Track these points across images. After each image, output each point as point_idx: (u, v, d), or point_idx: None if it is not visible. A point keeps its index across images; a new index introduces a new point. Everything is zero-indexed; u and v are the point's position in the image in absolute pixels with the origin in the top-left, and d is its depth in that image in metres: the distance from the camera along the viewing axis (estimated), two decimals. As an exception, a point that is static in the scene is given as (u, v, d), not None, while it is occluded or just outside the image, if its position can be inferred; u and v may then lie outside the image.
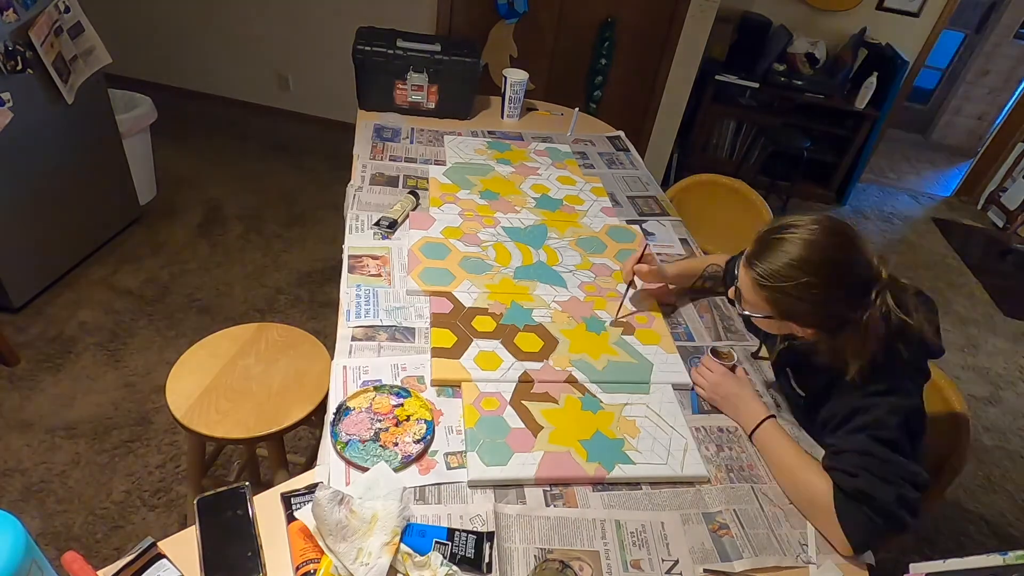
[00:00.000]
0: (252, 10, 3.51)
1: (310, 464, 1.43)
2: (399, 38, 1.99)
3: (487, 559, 0.88)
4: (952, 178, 4.72)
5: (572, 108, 2.20)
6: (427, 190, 1.68)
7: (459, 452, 1.04)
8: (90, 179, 2.46)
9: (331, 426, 1.03)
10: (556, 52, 3.47)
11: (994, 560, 0.80)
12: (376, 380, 1.13)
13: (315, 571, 0.84)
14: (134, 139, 2.69)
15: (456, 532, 0.90)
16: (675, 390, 1.22)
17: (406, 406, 1.08)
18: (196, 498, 0.91)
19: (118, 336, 2.26)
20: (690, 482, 1.06)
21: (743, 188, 2.07)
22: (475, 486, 0.99)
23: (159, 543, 0.85)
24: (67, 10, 2.15)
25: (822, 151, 3.84)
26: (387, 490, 0.92)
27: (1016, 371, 2.89)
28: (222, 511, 0.90)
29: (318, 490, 0.86)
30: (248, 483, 0.94)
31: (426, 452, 1.03)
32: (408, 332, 1.25)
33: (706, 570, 0.93)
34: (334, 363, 1.16)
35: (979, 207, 4.37)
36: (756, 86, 3.57)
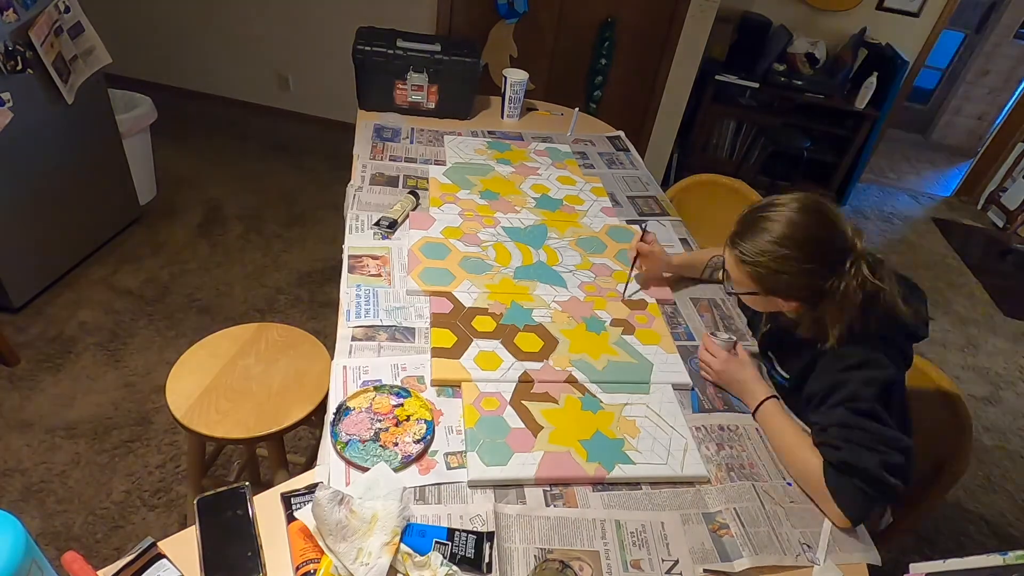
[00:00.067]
0: (252, 10, 3.51)
1: (310, 464, 1.43)
2: (399, 38, 1.99)
3: (487, 559, 0.88)
4: (952, 178, 4.72)
5: (572, 108, 2.20)
6: (427, 190, 1.68)
7: (459, 452, 1.04)
8: (90, 179, 2.46)
9: (331, 426, 1.03)
10: (556, 52, 3.47)
11: (994, 560, 0.80)
12: (376, 380, 1.13)
13: (315, 571, 0.84)
14: (134, 139, 2.69)
15: (456, 532, 0.90)
16: (675, 390, 1.22)
17: (406, 406, 1.08)
18: (196, 498, 0.91)
19: (118, 336, 2.26)
20: (690, 482, 1.06)
21: (743, 188, 2.07)
22: (475, 486, 0.99)
23: (159, 543, 0.85)
24: (67, 10, 2.15)
25: (822, 151, 3.84)
26: (387, 490, 0.92)
27: (1016, 371, 2.89)
28: (222, 511, 0.90)
29: (318, 490, 0.86)
30: (248, 483, 0.94)
31: (426, 452, 1.03)
32: (408, 332, 1.25)
33: (706, 570, 0.93)
34: (334, 363, 1.16)
35: (979, 207, 4.37)
36: (756, 86, 3.56)
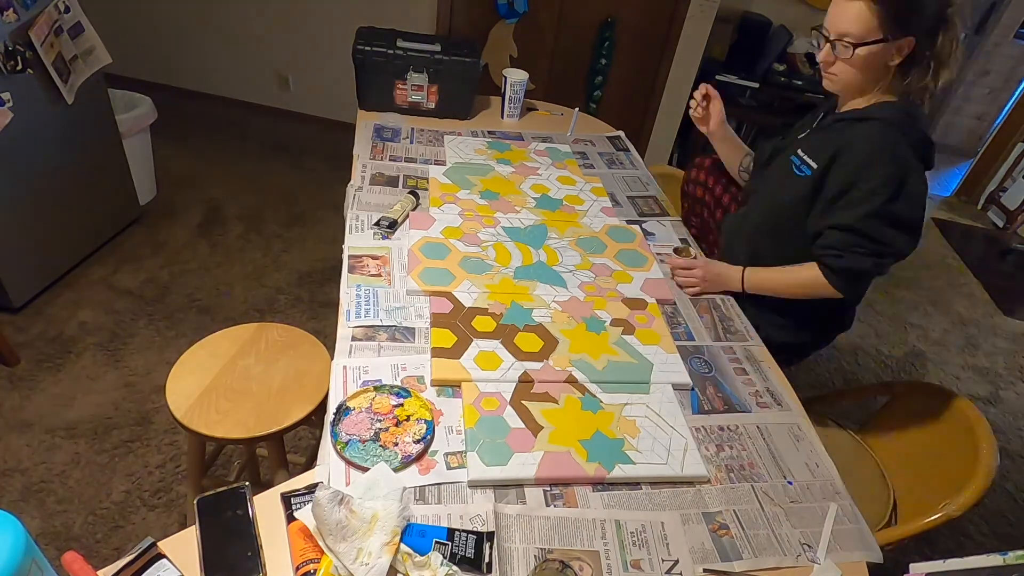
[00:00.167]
0: (252, 10, 3.51)
1: (310, 464, 1.43)
2: (399, 38, 1.99)
3: (487, 559, 0.88)
4: (952, 178, 4.71)
5: (572, 108, 2.20)
6: (427, 190, 1.68)
7: (459, 452, 1.04)
8: (90, 179, 2.47)
9: (331, 426, 1.03)
10: (556, 52, 3.47)
11: (994, 560, 0.80)
12: (376, 380, 1.13)
13: (315, 571, 0.84)
14: (134, 139, 2.69)
15: (456, 532, 0.90)
16: (675, 390, 1.22)
17: (406, 406, 1.08)
18: (196, 498, 0.91)
19: (118, 336, 2.26)
20: (690, 482, 1.06)
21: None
22: (475, 486, 0.99)
23: (159, 543, 0.85)
24: (67, 10, 2.15)
25: (822, 151, 3.83)
26: (387, 490, 0.93)
27: (1016, 371, 2.89)
28: (222, 511, 0.90)
29: (318, 490, 0.86)
30: (248, 483, 0.94)
31: (426, 452, 1.03)
32: (408, 332, 1.25)
33: (706, 570, 0.93)
34: (334, 363, 1.15)
35: (979, 207, 4.37)
36: (756, 86, 3.56)
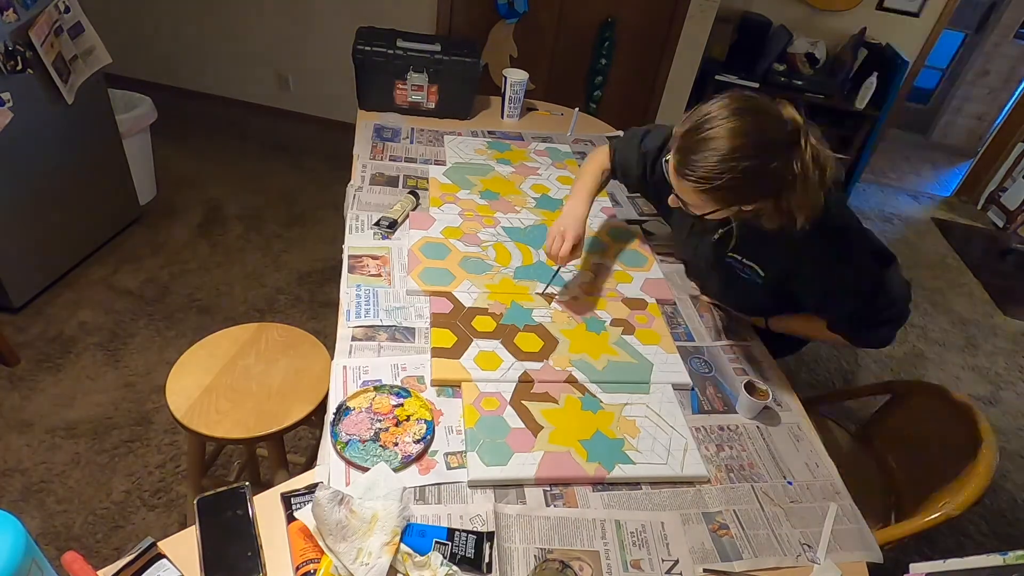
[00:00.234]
0: (252, 10, 3.51)
1: (310, 464, 1.43)
2: (399, 38, 1.98)
3: (487, 559, 0.88)
4: (952, 178, 4.71)
5: (572, 108, 2.20)
6: (427, 190, 1.68)
7: (459, 452, 1.04)
8: (90, 179, 2.46)
9: (331, 426, 1.03)
10: (556, 52, 3.47)
11: (994, 560, 0.80)
12: (376, 380, 1.13)
13: (315, 571, 0.84)
14: (134, 139, 2.69)
15: (456, 532, 0.90)
16: (675, 390, 1.22)
17: (406, 406, 1.08)
18: (196, 498, 0.91)
19: (118, 336, 2.26)
20: (690, 482, 1.06)
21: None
22: (475, 486, 0.99)
23: (159, 543, 0.85)
24: (67, 10, 2.15)
25: (822, 151, 3.84)
26: (387, 490, 0.93)
27: (1016, 371, 2.89)
28: (222, 511, 0.90)
29: (318, 490, 0.86)
30: (248, 483, 0.94)
31: (426, 452, 1.03)
32: (408, 332, 1.25)
33: (706, 570, 0.93)
34: (334, 363, 1.16)
35: (979, 207, 4.37)
36: (756, 86, 3.56)
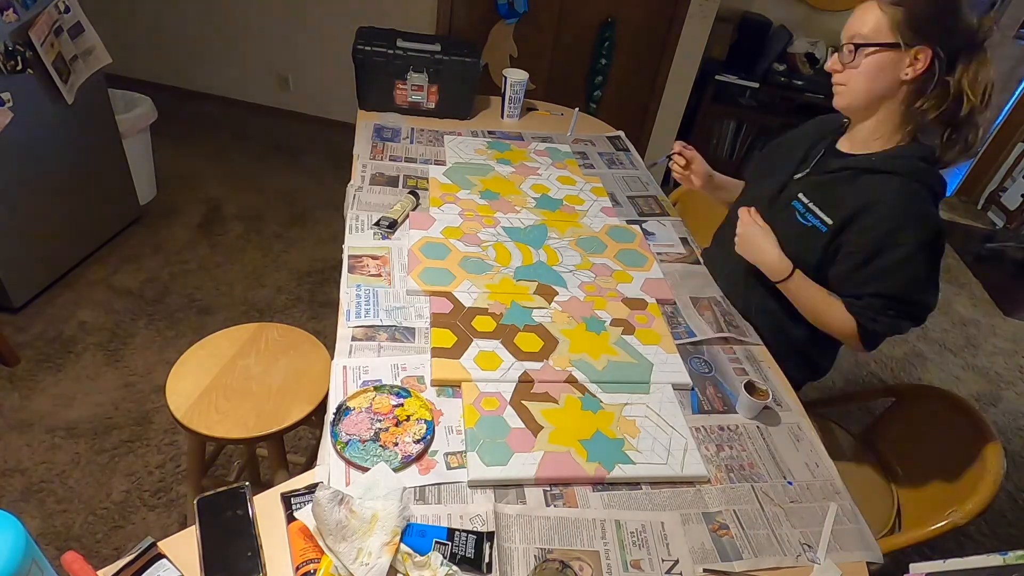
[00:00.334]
0: (252, 10, 3.51)
1: (310, 464, 1.43)
2: (399, 38, 1.99)
3: (487, 559, 0.88)
4: (952, 178, 4.71)
5: (572, 108, 2.20)
6: (427, 190, 1.68)
7: (459, 452, 1.04)
8: (90, 179, 2.47)
9: (331, 426, 1.03)
10: (556, 52, 3.47)
11: (994, 560, 0.80)
12: (376, 380, 1.13)
13: (315, 571, 0.84)
14: (134, 139, 2.69)
15: (456, 532, 0.90)
16: (675, 390, 1.22)
17: (406, 406, 1.08)
18: (196, 498, 0.91)
19: (118, 336, 2.26)
20: (690, 482, 1.06)
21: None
22: (475, 486, 0.99)
23: (159, 543, 0.85)
24: (67, 10, 2.15)
25: (822, 151, 3.83)
26: (387, 490, 0.93)
27: (1016, 371, 2.89)
28: (222, 511, 0.90)
29: (318, 490, 0.86)
30: (248, 483, 0.94)
31: (426, 452, 1.03)
32: (408, 332, 1.25)
33: (706, 570, 0.93)
34: (334, 363, 1.15)
35: (979, 207, 4.37)
36: (756, 86, 3.56)
